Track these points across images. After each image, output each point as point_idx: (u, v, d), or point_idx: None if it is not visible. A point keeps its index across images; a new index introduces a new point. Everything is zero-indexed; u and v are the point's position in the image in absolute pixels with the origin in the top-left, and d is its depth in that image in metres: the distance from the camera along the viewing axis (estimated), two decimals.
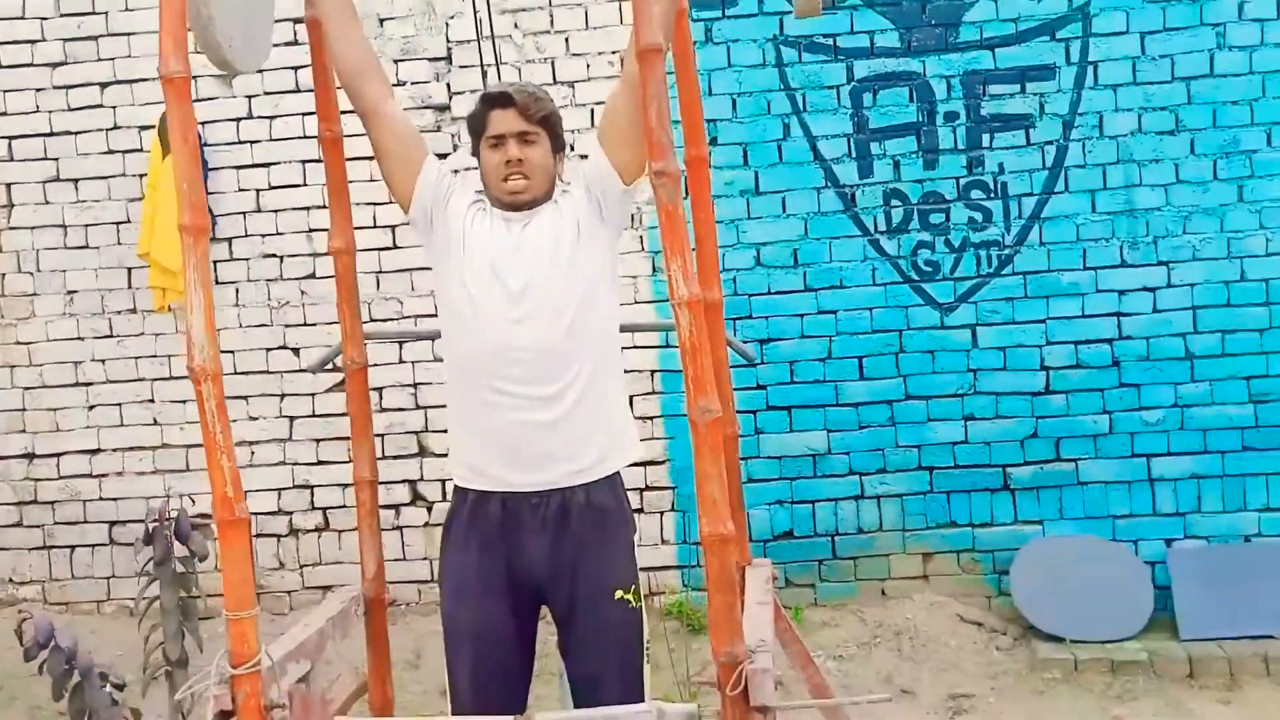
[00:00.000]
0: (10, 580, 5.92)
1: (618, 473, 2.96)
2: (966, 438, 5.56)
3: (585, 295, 2.88)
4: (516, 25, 5.67)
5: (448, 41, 5.73)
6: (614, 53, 5.58)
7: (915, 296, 5.58)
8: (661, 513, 5.68)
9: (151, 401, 5.86)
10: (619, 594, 2.84)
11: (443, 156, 5.69)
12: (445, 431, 5.56)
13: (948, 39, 5.53)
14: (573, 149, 5.56)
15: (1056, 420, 5.53)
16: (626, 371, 5.51)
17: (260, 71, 5.70)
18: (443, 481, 5.65)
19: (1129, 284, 5.50)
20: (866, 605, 5.55)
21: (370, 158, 5.60)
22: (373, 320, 5.64)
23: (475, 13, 4.81)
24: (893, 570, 5.61)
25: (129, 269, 5.86)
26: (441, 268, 3.00)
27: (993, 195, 5.54)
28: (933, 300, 5.57)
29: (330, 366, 3.81)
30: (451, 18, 5.71)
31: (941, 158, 5.56)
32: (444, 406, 5.36)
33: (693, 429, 2.48)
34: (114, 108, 5.85)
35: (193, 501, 5.21)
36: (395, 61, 5.72)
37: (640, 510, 5.63)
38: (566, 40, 5.68)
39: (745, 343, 5.44)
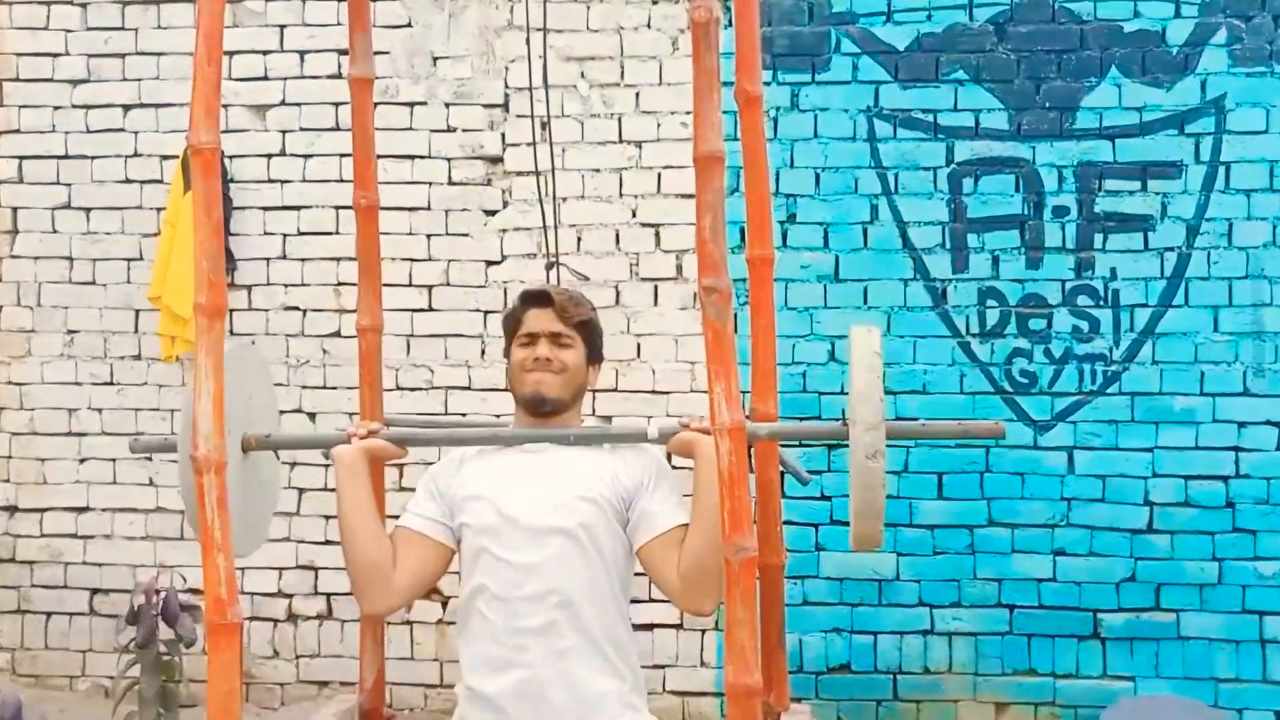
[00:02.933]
0: None
1: None
2: (1054, 575, 5.63)
3: (607, 555, 3.12)
4: (583, 75, 5.87)
5: (506, 87, 5.92)
6: (687, 113, 5.76)
7: (1007, 410, 5.68)
8: (703, 631, 5.78)
9: (149, 460, 5.99)
10: None
11: (491, 213, 5.89)
12: None
13: (1062, 124, 5.66)
14: (634, 215, 5.77)
15: (1158, 564, 5.58)
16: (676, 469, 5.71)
17: (298, 105, 6.00)
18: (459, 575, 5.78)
19: (1251, 415, 5.56)
20: None
21: (409, 208, 5.79)
22: (399, 389, 5.82)
23: (530, 57, 4.98)
24: (960, 719, 5.68)
25: (137, 311, 6.06)
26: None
27: (1102, 303, 5.65)
28: (1027, 416, 5.67)
29: None
30: (512, 61, 5.89)
31: (1047, 256, 5.68)
32: None
33: (725, 568, 2.64)
34: (136, 133, 6.07)
35: (184, 579, 5.37)
36: (447, 105, 5.93)
37: (680, 626, 5.75)
38: (637, 96, 5.88)
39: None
